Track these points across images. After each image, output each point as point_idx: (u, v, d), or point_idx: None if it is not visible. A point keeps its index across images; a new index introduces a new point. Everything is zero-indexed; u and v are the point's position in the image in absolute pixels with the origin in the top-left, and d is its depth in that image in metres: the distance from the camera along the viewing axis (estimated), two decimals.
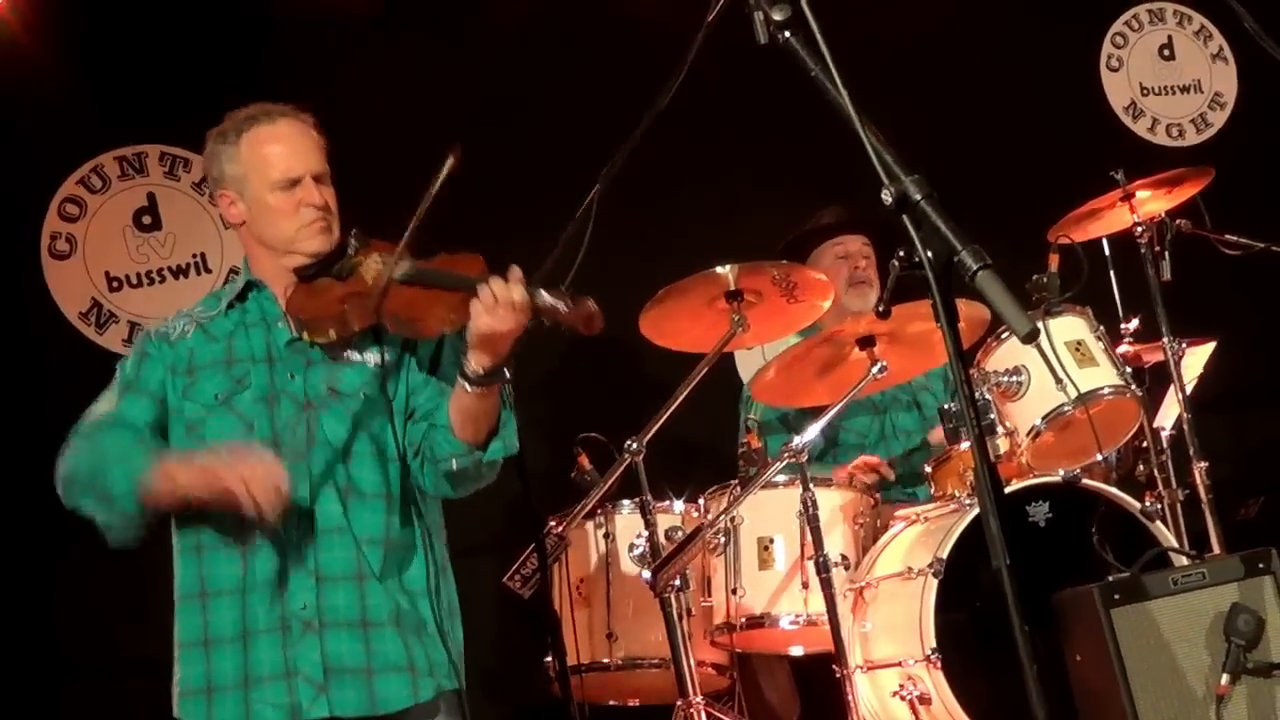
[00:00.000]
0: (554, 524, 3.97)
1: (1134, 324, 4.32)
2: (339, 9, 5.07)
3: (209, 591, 2.76)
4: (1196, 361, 4.53)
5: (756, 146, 5.38)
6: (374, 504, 2.79)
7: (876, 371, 3.79)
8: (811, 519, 3.71)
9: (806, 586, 3.78)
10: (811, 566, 3.71)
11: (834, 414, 3.78)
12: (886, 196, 1.90)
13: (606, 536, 4.04)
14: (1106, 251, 4.44)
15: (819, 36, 1.96)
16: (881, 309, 2.46)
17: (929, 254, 1.87)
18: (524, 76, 5.20)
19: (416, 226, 2.68)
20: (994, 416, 3.81)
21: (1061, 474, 3.68)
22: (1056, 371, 3.74)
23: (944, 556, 3.53)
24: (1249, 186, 5.32)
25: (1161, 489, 4.23)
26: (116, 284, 4.86)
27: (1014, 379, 3.84)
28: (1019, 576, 1.83)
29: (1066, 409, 3.77)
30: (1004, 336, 3.87)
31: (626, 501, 4.02)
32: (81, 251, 4.84)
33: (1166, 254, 4.34)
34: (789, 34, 2.00)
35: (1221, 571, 3.28)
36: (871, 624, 3.74)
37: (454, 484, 2.81)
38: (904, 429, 4.57)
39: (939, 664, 3.47)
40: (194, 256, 4.94)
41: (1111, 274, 4.43)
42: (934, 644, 3.48)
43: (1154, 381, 4.31)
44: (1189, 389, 4.34)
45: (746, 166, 5.37)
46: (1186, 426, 4.22)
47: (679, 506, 4.06)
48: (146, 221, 4.92)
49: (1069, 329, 3.86)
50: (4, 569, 4.48)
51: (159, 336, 2.90)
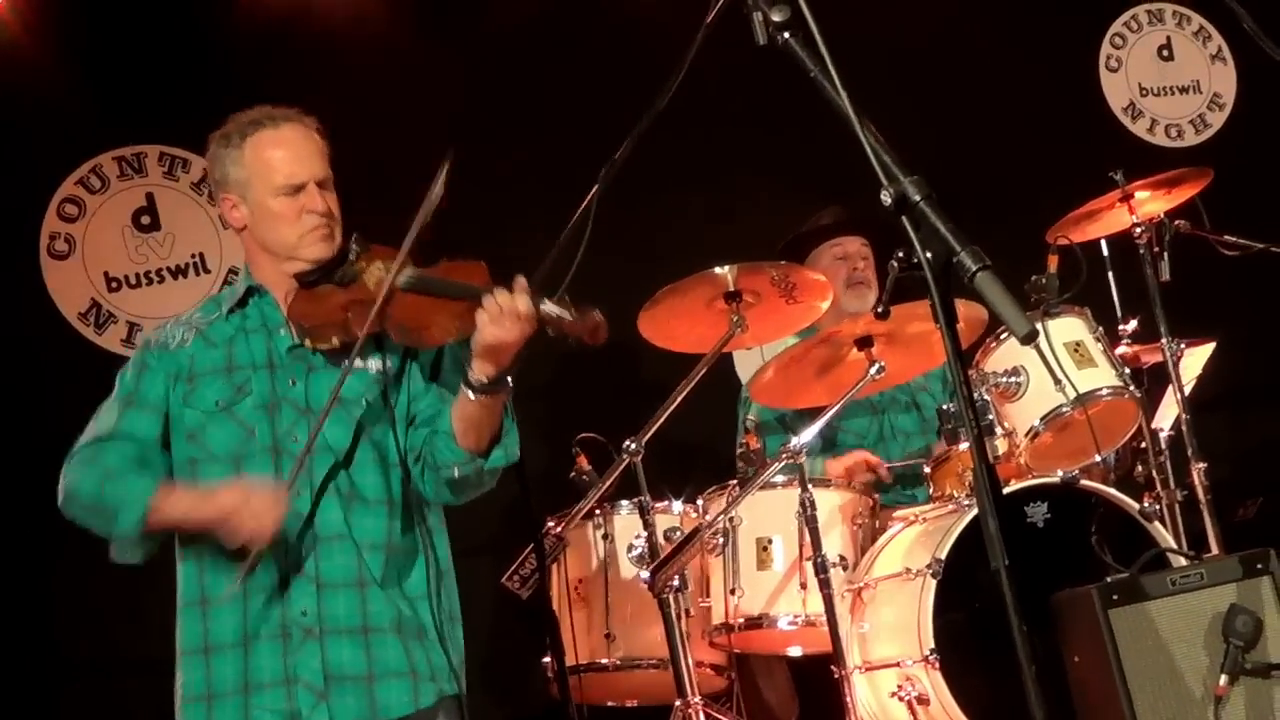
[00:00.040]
0: (552, 524, 3.98)
1: (1133, 325, 4.31)
2: (339, 9, 5.07)
3: (210, 599, 2.76)
4: (1195, 362, 4.53)
5: (755, 147, 5.37)
6: (376, 510, 2.78)
7: (875, 372, 3.79)
8: (810, 519, 3.70)
9: (805, 587, 3.78)
10: (810, 567, 3.70)
11: (832, 414, 3.78)
12: (885, 197, 1.89)
13: (605, 537, 4.04)
14: (1105, 252, 4.44)
15: (818, 37, 1.96)
16: (880, 310, 2.46)
17: (928, 255, 1.87)
18: (524, 77, 5.19)
19: (418, 234, 2.68)
20: (993, 417, 3.81)
21: (1060, 475, 3.68)
22: (1055, 372, 3.75)
23: (942, 557, 3.53)
24: (1248, 187, 5.31)
25: (1160, 490, 4.23)
26: (115, 284, 4.86)
27: (1013, 380, 3.84)
28: (1017, 577, 1.83)
29: (1065, 410, 3.77)
30: (1003, 337, 3.87)
31: (625, 502, 4.02)
32: (80, 252, 4.83)
33: (1165, 255, 4.33)
34: (788, 35, 2.00)
35: (1220, 572, 3.28)
36: (870, 624, 3.73)
37: (455, 491, 2.81)
38: (903, 430, 4.56)
39: (937, 665, 3.47)
40: (193, 257, 4.93)
41: (1110, 275, 4.43)
42: (932, 645, 3.48)
43: (1153, 382, 4.31)
44: (1187, 390, 4.34)
45: (745, 167, 5.37)
46: (1185, 427, 4.22)
47: (677, 507, 4.05)
48: (145, 222, 4.91)
49: (1068, 330, 3.87)
50: (4, 569, 4.48)
51: (158, 346, 2.88)
